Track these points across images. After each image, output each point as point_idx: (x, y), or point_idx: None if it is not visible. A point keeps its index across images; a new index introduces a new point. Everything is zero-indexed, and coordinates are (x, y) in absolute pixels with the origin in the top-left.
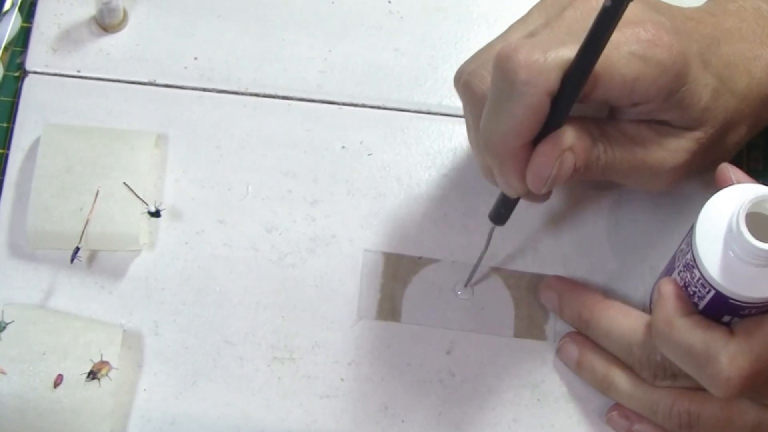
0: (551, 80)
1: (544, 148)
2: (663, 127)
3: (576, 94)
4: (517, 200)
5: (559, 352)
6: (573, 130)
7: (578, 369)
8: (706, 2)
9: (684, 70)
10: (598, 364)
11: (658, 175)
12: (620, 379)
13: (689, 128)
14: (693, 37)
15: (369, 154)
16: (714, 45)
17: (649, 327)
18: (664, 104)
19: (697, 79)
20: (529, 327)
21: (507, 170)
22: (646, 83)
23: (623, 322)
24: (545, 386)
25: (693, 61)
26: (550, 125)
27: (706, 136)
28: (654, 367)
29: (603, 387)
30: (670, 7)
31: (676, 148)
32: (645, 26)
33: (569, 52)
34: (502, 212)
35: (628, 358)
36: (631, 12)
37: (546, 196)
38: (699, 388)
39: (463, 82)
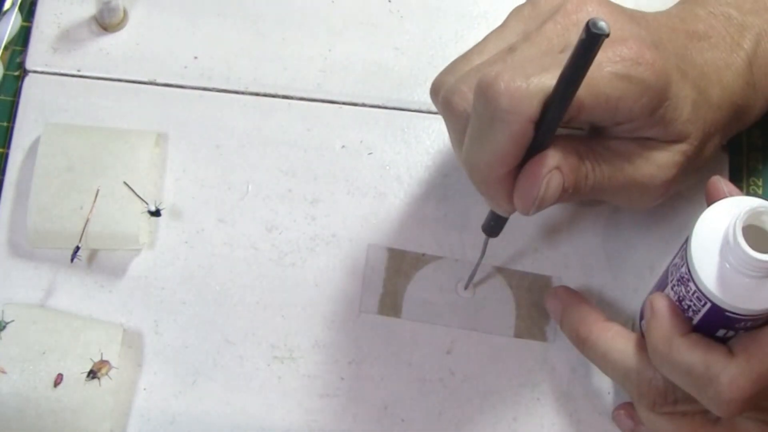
0: (534, 107)
1: (530, 170)
2: (649, 141)
3: (559, 120)
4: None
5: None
6: (559, 150)
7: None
8: (675, 6)
9: (666, 86)
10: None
11: (648, 191)
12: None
13: (674, 141)
14: (670, 48)
15: (369, 153)
16: (688, 54)
17: (646, 352)
18: (648, 121)
19: (677, 93)
20: (529, 327)
21: (494, 194)
22: (629, 103)
23: (621, 346)
24: (545, 385)
25: (673, 75)
26: (534, 149)
27: (691, 148)
28: (653, 394)
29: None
30: (644, 15)
31: (664, 163)
32: (627, 44)
33: (551, 77)
34: (493, 225)
35: (625, 383)
36: (613, 26)
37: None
38: (701, 413)
39: (443, 99)
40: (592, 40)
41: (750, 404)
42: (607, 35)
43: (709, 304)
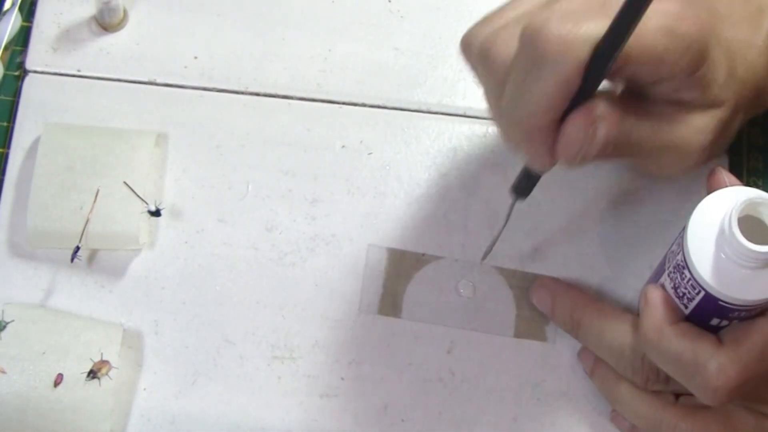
0: (584, 53)
1: (576, 117)
2: (686, 105)
3: (607, 69)
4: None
5: (578, 356)
6: (604, 101)
7: (592, 376)
8: None
9: (707, 46)
10: (610, 374)
11: (684, 155)
12: (626, 392)
13: (710, 107)
14: (703, 15)
15: (369, 153)
16: (716, 29)
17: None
18: (686, 82)
19: (715, 58)
20: (529, 327)
21: (536, 146)
22: (674, 57)
23: (615, 325)
24: (545, 386)
25: (712, 38)
26: (578, 99)
27: (726, 114)
28: (646, 370)
29: (611, 398)
30: None
31: (702, 127)
32: (671, 0)
33: (601, 25)
34: (525, 185)
35: (620, 361)
36: None
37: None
38: (693, 396)
39: (480, 48)
40: None
41: (738, 392)
42: None
43: (702, 293)
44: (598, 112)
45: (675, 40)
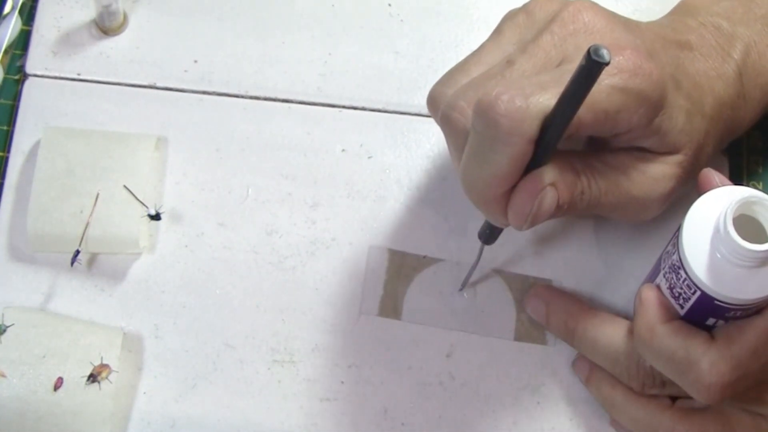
0: (534, 128)
1: (524, 187)
2: (644, 154)
3: (559, 139)
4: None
5: (573, 365)
6: (555, 167)
7: (588, 385)
8: (665, 17)
9: (663, 95)
10: (605, 381)
11: (645, 205)
12: (622, 398)
13: (670, 152)
14: (664, 58)
15: (369, 157)
16: (681, 64)
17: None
18: (645, 131)
19: (672, 103)
20: (530, 330)
21: (491, 210)
22: (627, 115)
23: (609, 331)
24: (545, 389)
25: (669, 85)
26: (532, 166)
27: (686, 159)
28: (642, 375)
29: (607, 405)
30: (638, 24)
31: (661, 176)
32: (624, 53)
33: (550, 97)
34: (489, 233)
35: (615, 367)
36: (610, 35)
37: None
38: (690, 400)
39: (442, 114)
40: (593, 68)
41: (732, 390)
42: (608, 63)
43: (699, 293)
44: (547, 179)
45: (628, 98)
